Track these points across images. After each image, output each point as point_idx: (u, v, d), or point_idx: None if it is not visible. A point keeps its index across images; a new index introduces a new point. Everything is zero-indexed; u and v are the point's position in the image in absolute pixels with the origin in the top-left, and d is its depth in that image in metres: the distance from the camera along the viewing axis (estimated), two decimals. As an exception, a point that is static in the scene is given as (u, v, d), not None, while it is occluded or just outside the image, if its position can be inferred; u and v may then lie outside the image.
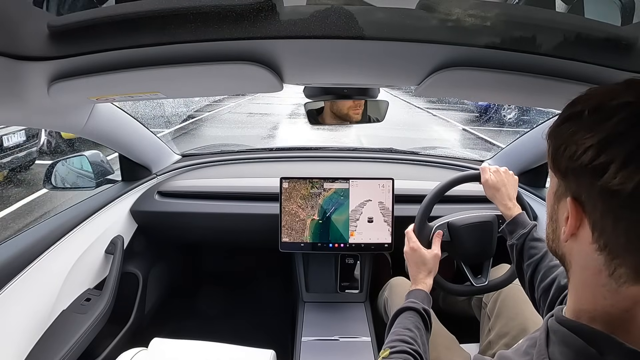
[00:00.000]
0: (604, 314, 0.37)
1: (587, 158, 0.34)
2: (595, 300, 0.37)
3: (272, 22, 0.46)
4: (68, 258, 1.02)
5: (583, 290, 0.39)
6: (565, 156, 0.37)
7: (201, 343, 0.90)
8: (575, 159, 0.35)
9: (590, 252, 0.36)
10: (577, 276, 0.40)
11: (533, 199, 1.29)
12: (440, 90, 0.73)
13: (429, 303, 0.81)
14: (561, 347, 0.38)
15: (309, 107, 1.07)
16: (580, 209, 0.36)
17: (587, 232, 0.36)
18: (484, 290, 1.01)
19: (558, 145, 0.38)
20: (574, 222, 0.37)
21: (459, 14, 0.46)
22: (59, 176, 1.25)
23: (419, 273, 0.88)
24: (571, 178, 0.37)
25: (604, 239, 0.35)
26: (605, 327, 0.36)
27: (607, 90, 0.37)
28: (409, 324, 0.74)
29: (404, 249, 0.93)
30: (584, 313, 0.38)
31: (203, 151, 1.71)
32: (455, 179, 1.02)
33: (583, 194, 0.36)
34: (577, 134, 0.35)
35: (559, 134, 0.38)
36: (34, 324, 0.90)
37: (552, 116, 1.15)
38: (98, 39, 0.50)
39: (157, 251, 1.48)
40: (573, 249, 0.39)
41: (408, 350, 0.66)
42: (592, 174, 0.34)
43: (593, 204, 0.35)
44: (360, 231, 1.22)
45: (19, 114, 0.71)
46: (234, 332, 1.14)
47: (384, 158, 1.63)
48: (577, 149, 0.35)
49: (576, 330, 0.38)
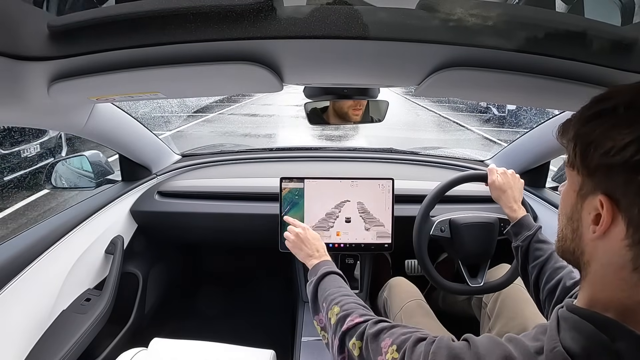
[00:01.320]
0: (619, 304, 0.37)
1: (627, 154, 0.34)
2: (613, 292, 0.37)
3: (272, 22, 0.46)
4: (68, 258, 1.02)
5: (602, 284, 0.39)
6: (597, 153, 0.36)
7: (201, 343, 0.90)
8: (612, 155, 0.35)
9: (619, 249, 0.36)
10: (595, 272, 0.40)
11: (533, 199, 1.29)
12: (440, 90, 0.73)
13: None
14: (572, 332, 0.38)
15: (309, 107, 1.07)
16: (614, 205, 0.36)
17: (621, 229, 0.36)
18: (481, 291, 1.01)
19: (587, 142, 0.37)
20: (608, 218, 0.36)
21: (459, 14, 0.46)
22: (59, 176, 1.25)
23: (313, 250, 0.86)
24: (601, 175, 0.37)
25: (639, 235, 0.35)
26: (618, 316, 0.37)
27: (634, 87, 0.36)
28: (339, 283, 0.74)
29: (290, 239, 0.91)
30: (598, 303, 0.39)
31: (203, 151, 1.71)
32: (461, 177, 1.01)
33: (617, 191, 0.35)
34: (613, 130, 0.35)
35: (588, 131, 0.38)
36: (34, 324, 0.90)
37: (553, 116, 1.15)
38: (98, 39, 0.50)
39: (157, 251, 1.48)
40: (598, 247, 0.39)
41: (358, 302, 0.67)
42: (631, 170, 0.34)
43: (631, 199, 0.35)
44: (346, 231, 1.22)
45: (19, 114, 0.71)
46: (233, 332, 1.14)
47: (384, 158, 1.63)
48: (615, 144, 0.35)
49: (588, 318, 0.38)
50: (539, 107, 5.00)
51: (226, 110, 9.20)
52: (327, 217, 1.22)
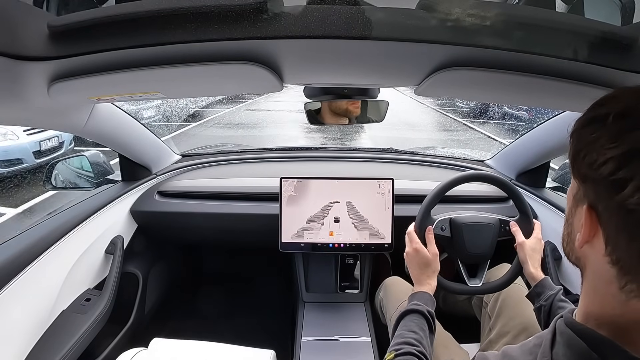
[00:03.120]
0: (612, 322, 0.36)
1: (606, 170, 0.32)
2: (604, 308, 0.37)
3: (272, 22, 0.46)
4: (68, 258, 1.02)
5: (594, 296, 0.38)
6: (585, 162, 0.35)
7: (201, 343, 0.90)
8: (595, 168, 0.33)
9: (603, 263, 0.35)
10: (589, 281, 0.39)
11: (533, 199, 1.29)
12: (441, 91, 0.73)
13: (433, 305, 0.81)
14: (565, 349, 0.38)
15: (308, 107, 1.07)
16: (595, 219, 0.35)
17: (601, 244, 0.35)
18: (479, 291, 1.01)
19: (579, 149, 0.36)
20: (587, 231, 0.35)
21: (459, 14, 0.46)
22: (59, 176, 1.25)
23: (422, 274, 0.88)
24: (590, 185, 0.35)
25: (617, 254, 0.34)
26: (611, 334, 0.36)
27: (633, 94, 0.35)
28: (413, 326, 0.74)
29: (406, 251, 0.92)
30: (592, 318, 0.38)
31: (203, 151, 1.71)
32: (467, 176, 1.02)
33: (600, 205, 0.34)
34: (599, 141, 0.33)
35: (581, 137, 0.36)
36: (34, 324, 0.90)
37: (553, 116, 1.15)
38: (98, 39, 0.50)
39: (157, 251, 1.48)
40: (587, 255, 0.38)
41: (413, 352, 0.66)
42: (610, 187, 0.32)
43: (609, 217, 0.34)
44: (346, 231, 1.22)
45: (19, 114, 0.71)
46: (234, 332, 1.14)
47: (384, 158, 1.64)
48: (598, 157, 0.33)
49: (582, 334, 0.37)
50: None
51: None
52: (326, 217, 1.22)
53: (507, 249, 1.01)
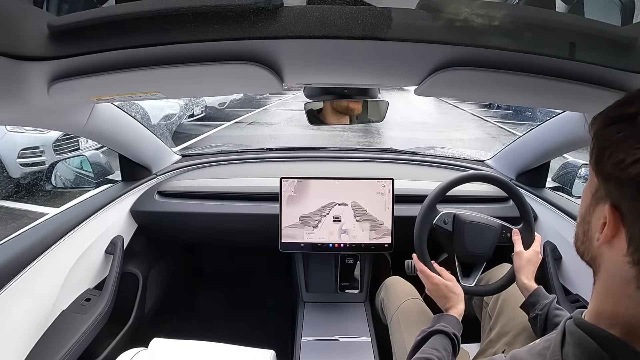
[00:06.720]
0: (625, 322, 0.36)
1: (635, 170, 0.32)
2: (618, 308, 0.36)
3: (272, 22, 0.46)
4: (68, 258, 1.02)
5: (607, 297, 0.38)
6: (610, 161, 0.34)
7: (201, 343, 0.90)
8: (622, 168, 0.33)
9: (622, 263, 0.34)
10: (603, 281, 0.39)
11: (533, 199, 1.29)
12: (441, 90, 0.73)
13: (460, 330, 0.81)
14: (575, 349, 0.38)
15: (309, 107, 1.07)
16: (619, 218, 0.34)
17: (623, 244, 0.34)
18: (470, 292, 1.01)
19: (604, 147, 0.35)
20: (610, 231, 0.35)
21: (459, 14, 0.46)
22: (59, 176, 1.25)
23: (448, 302, 0.89)
24: (613, 184, 0.35)
25: (639, 255, 0.33)
26: (623, 334, 0.36)
27: None
28: (437, 345, 0.75)
29: (427, 289, 0.94)
30: (604, 318, 0.38)
31: (203, 151, 1.71)
32: (476, 175, 1.04)
33: (624, 205, 0.34)
34: (628, 141, 0.33)
35: (607, 135, 0.35)
36: (34, 324, 0.90)
37: (553, 116, 1.15)
38: (98, 39, 0.50)
39: (157, 251, 1.48)
40: (604, 255, 0.37)
41: None
42: (638, 188, 0.32)
43: (634, 218, 0.33)
44: (346, 231, 1.23)
45: (19, 114, 0.71)
46: (234, 332, 1.14)
47: (384, 158, 1.64)
48: (626, 157, 0.33)
49: (592, 334, 0.37)
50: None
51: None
52: (326, 217, 1.22)
53: (505, 254, 1.01)
